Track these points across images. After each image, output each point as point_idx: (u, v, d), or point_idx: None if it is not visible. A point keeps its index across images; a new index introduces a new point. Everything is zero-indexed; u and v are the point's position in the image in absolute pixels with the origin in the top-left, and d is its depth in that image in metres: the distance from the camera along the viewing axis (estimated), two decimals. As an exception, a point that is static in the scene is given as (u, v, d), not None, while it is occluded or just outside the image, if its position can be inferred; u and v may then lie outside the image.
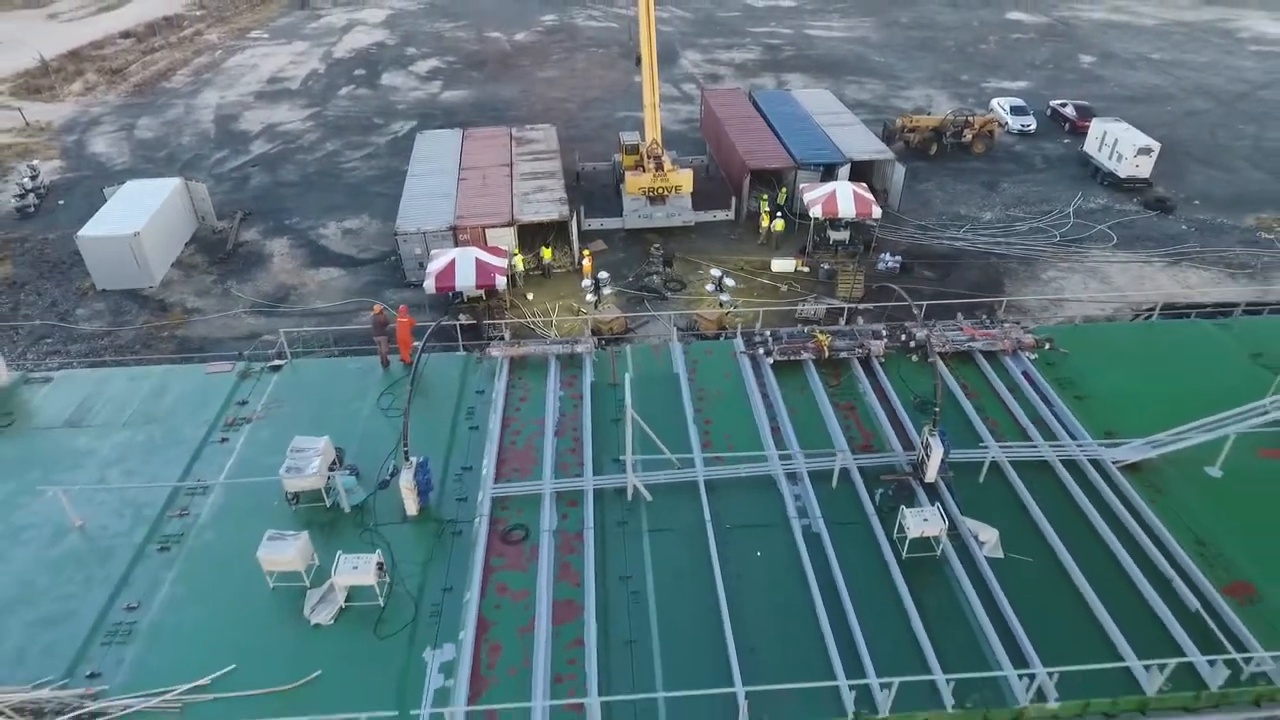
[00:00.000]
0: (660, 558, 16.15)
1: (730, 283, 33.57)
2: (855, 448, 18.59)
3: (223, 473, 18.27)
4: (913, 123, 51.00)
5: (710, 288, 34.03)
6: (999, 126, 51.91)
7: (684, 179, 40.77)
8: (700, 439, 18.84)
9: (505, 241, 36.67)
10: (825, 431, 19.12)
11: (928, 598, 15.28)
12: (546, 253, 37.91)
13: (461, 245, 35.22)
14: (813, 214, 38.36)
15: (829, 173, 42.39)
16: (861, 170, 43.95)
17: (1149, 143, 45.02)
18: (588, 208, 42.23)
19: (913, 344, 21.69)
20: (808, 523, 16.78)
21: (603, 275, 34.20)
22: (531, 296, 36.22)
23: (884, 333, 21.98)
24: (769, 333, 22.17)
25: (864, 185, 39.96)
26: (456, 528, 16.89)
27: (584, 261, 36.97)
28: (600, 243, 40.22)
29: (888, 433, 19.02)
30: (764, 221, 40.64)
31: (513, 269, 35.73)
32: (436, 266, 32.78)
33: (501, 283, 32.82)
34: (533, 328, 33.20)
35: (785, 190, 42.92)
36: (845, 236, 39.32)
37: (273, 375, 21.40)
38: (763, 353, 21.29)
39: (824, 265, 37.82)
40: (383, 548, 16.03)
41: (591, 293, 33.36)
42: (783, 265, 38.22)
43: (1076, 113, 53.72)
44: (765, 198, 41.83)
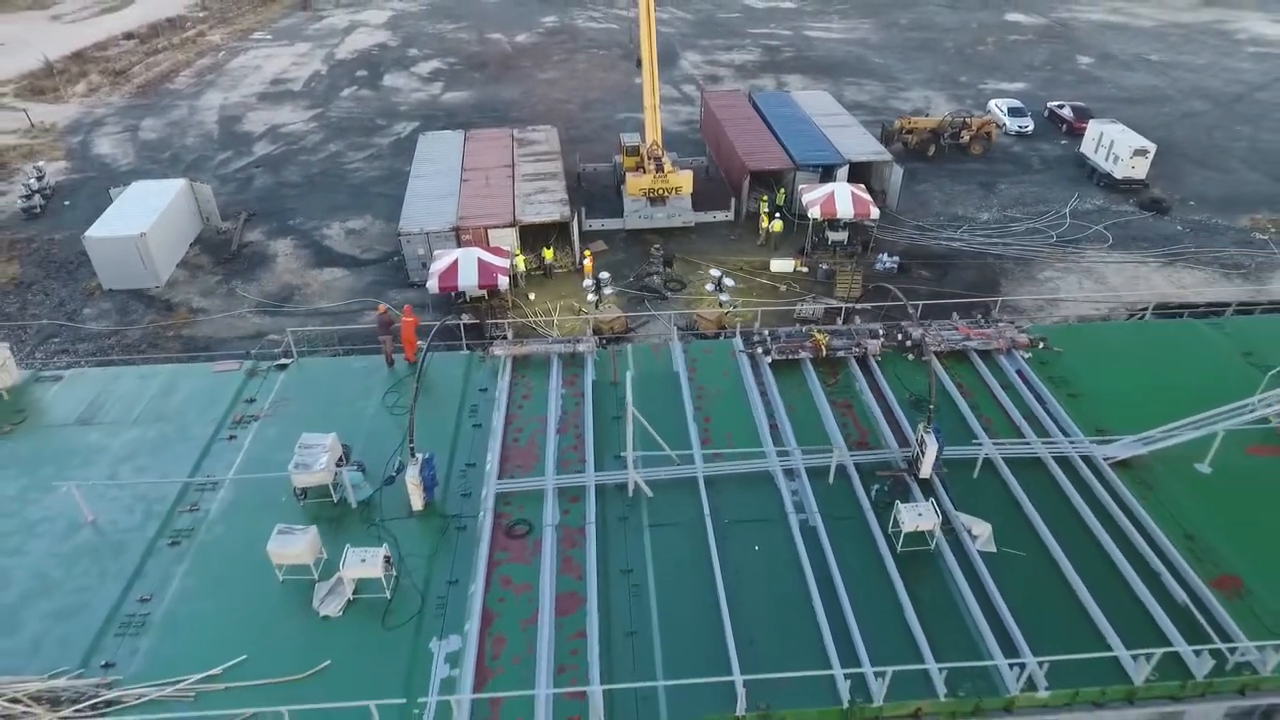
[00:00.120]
0: (661, 552, 16.36)
1: (730, 283, 33.91)
2: (852, 444, 18.80)
3: (232, 469, 18.49)
4: (911, 124, 51.23)
5: (710, 288, 34.40)
6: (996, 128, 52.01)
7: (684, 180, 41.04)
8: (700, 436, 19.05)
9: (507, 242, 36.97)
10: (822, 429, 19.35)
11: (922, 590, 15.52)
12: (548, 253, 38.18)
13: (464, 246, 35.54)
14: (811, 215, 38.58)
15: (827, 174, 42.65)
16: (860, 171, 44.17)
17: (1145, 144, 45.27)
18: (589, 208, 42.48)
19: (909, 343, 21.92)
20: (805, 517, 16.99)
21: (604, 275, 34.54)
22: (533, 296, 36.49)
23: (880, 332, 22.21)
24: (767, 332, 22.36)
25: (862, 186, 40.17)
26: (461, 522, 17.11)
27: (585, 262, 37.20)
28: (601, 243, 40.46)
29: (884, 430, 19.24)
30: (763, 222, 40.90)
31: (514, 269, 35.94)
32: (439, 267, 33.12)
33: (504, 283, 33.12)
34: (534, 327, 33.45)
35: (784, 191, 43.09)
36: (844, 237, 39.57)
37: (279, 374, 21.59)
38: (761, 352, 21.49)
39: (822, 265, 38.03)
40: (389, 542, 16.22)
41: (593, 293, 33.67)
42: (782, 265, 38.48)
43: (1074, 114, 53.88)
44: (765, 199, 42.02)
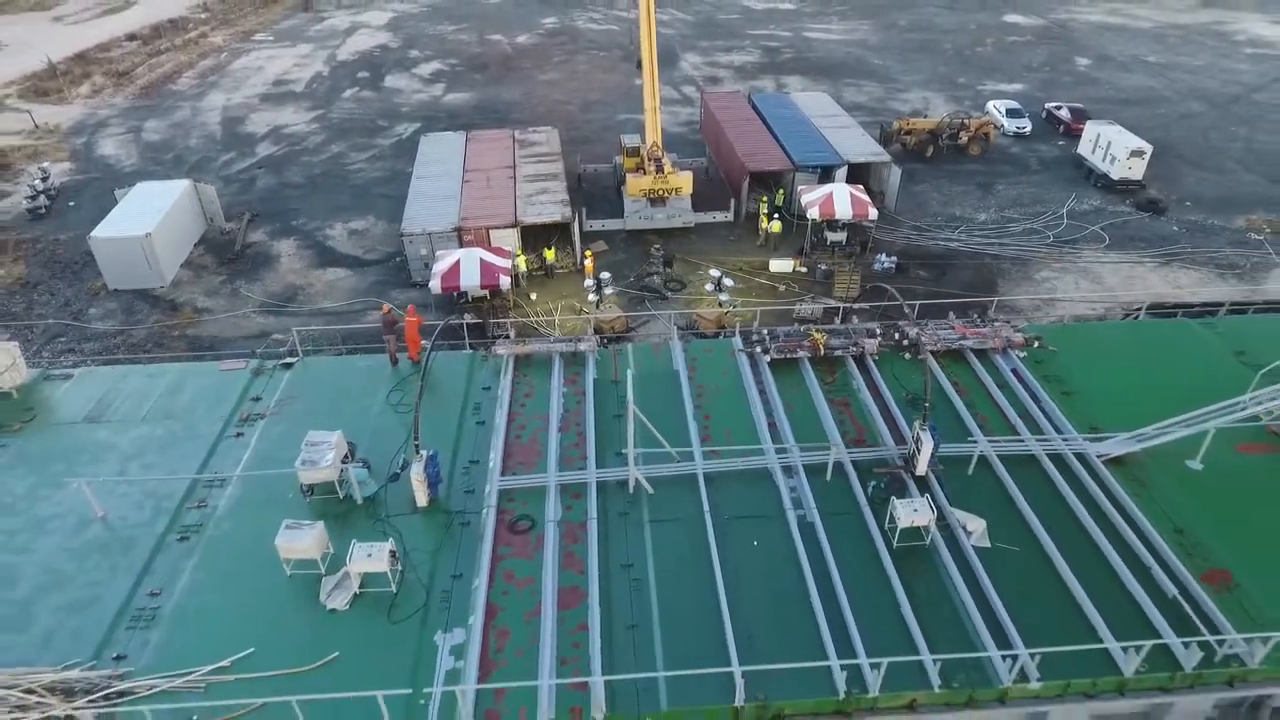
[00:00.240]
0: (661, 547, 16.58)
1: (729, 283, 34.20)
2: (849, 442, 19.02)
3: (239, 466, 18.69)
4: (909, 125, 51.49)
5: (710, 288, 34.70)
6: (994, 129, 52.25)
7: (684, 181, 41.33)
8: (700, 434, 19.29)
9: (509, 242, 37.26)
10: (820, 426, 19.56)
11: (917, 584, 15.75)
12: (549, 253, 38.45)
13: (466, 246, 35.82)
14: (810, 215, 38.86)
15: (826, 175, 42.93)
16: (858, 172, 44.41)
17: (1141, 145, 45.54)
18: (589, 209, 42.74)
19: (905, 342, 22.19)
20: (803, 513, 17.20)
21: (604, 275, 34.82)
22: (535, 296, 36.77)
23: (878, 331, 22.43)
24: (766, 331, 22.58)
25: (860, 187, 40.42)
26: (465, 518, 17.34)
27: (586, 262, 37.49)
28: (602, 243, 40.73)
29: (880, 427, 19.48)
30: (762, 223, 41.13)
31: (516, 269, 36.18)
32: (442, 267, 33.41)
33: (505, 283, 33.40)
34: (536, 327, 33.73)
35: (783, 192, 43.36)
36: (842, 237, 39.85)
37: (285, 373, 21.78)
38: (760, 351, 21.72)
39: (821, 266, 38.29)
40: (394, 537, 16.45)
41: (594, 292, 33.96)
42: (781, 266, 38.76)
43: (1071, 115, 54.10)
44: (764, 199, 42.28)
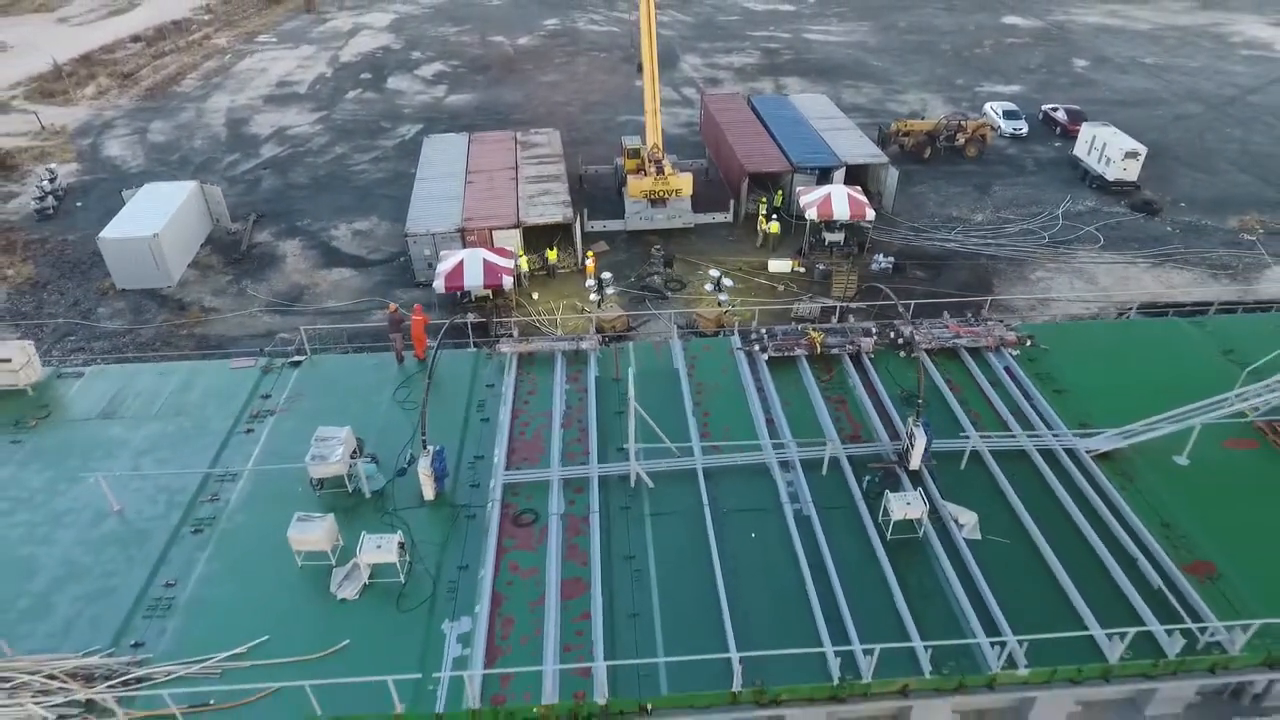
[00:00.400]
0: (661, 539, 17.05)
1: (729, 283, 34.70)
2: (844, 438, 19.47)
3: (250, 461, 19.13)
4: (907, 127, 51.88)
5: (709, 287, 35.21)
6: (991, 131, 52.63)
7: (684, 182, 41.80)
8: (699, 429, 19.75)
9: (511, 243, 37.72)
10: (816, 423, 19.97)
11: (910, 575, 16.22)
12: (551, 254, 38.89)
13: (469, 247, 36.28)
14: (809, 216, 39.31)
15: (824, 176, 43.38)
16: (856, 173, 44.83)
17: (1136, 147, 45.96)
18: (591, 210, 43.15)
19: (900, 341, 22.67)
20: (799, 507, 17.65)
21: (606, 275, 35.32)
22: (536, 296, 37.22)
23: (874, 330, 22.88)
24: (764, 330, 23.00)
25: (858, 188, 40.84)
26: (470, 511, 17.78)
27: (587, 262, 37.97)
28: (603, 244, 41.16)
29: (875, 424, 19.90)
30: (761, 224, 41.52)
31: (518, 269, 36.57)
32: (446, 267, 33.88)
33: (508, 283, 33.86)
34: (538, 326, 34.21)
35: (782, 193, 43.83)
36: (840, 238, 40.30)
37: (293, 370, 22.18)
38: (758, 349, 22.15)
39: (819, 266, 38.73)
40: (403, 530, 16.87)
41: (595, 292, 34.45)
42: (779, 266, 39.21)
43: (1068, 117, 54.46)
44: (763, 200, 42.71)
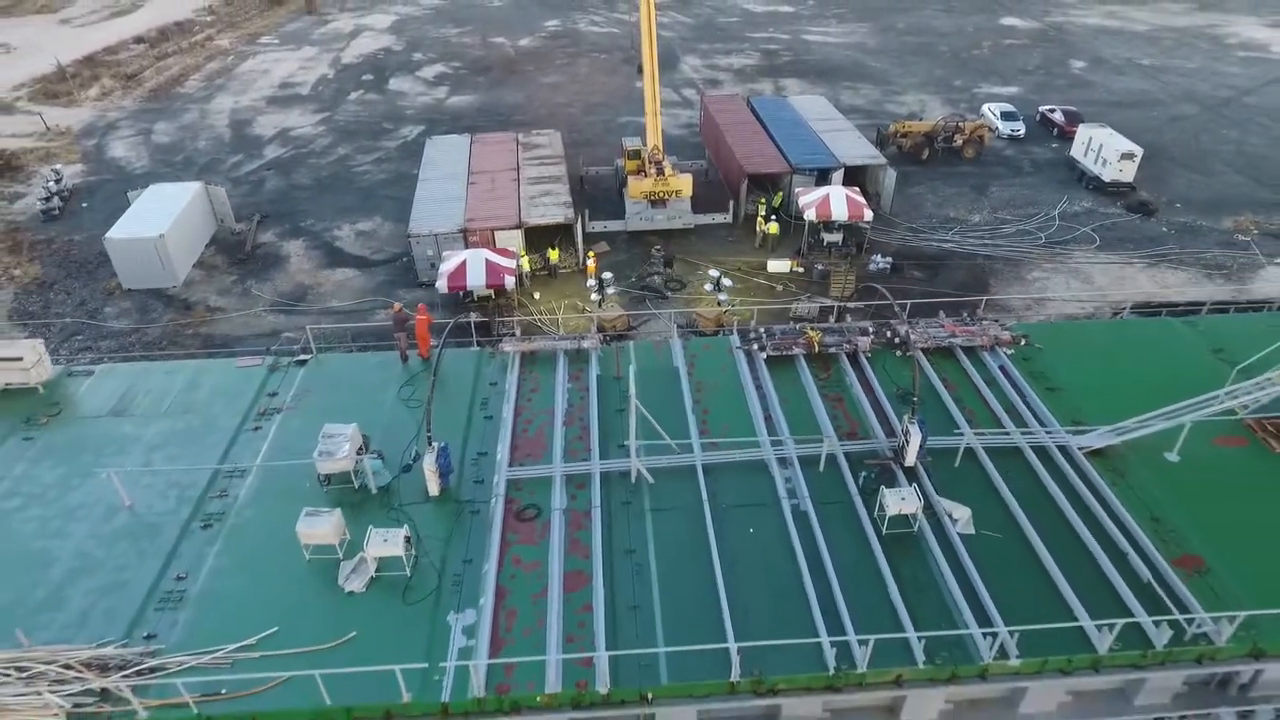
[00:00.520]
0: (662, 534, 17.44)
1: (728, 283, 35.09)
2: (841, 435, 19.89)
3: (258, 457, 19.52)
4: (905, 128, 52.16)
5: (709, 287, 35.61)
6: (989, 132, 52.90)
7: (684, 183, 42.14)
8: (699, 427, 20.15)
9: (513, 243, 38.06)
10: (814, 420, 20.38)
11: (904, 569, 16.60)
12: (553, 254, 39.22)
13: (472, 247, 36.63)
14: (807, 217, 39.66)
15: (823, 177, 43.70)
16: (855, 174, 45.10)
17: (1132, 148, 46.28)
18: (592, 211, 43.45)
19: (896, 340, 23.07)
20: (796, 502, 18.06)
21: (607, 275, 35.72)
22: (538, 296, 37.55)
23: (870, 330, 23.28)
24: (763, 330, 23.42)
25: (857, 189, 41.20)
26: (475, 507, 18.16)
27: (589, 262, 38.30)
28: (604, 244, 41.45)
29: (871, 421, 20.31)
30: (760, 224, 41.82)
31: (520, 270, 36.88)
32: (448, 267, 34.23)
33: (510, 283, 34.21)
34: (540, 325, 34.59)
35: (781, 194, 44.22)
36: (838, 238, 40.63)
37: (299, 369, 22.60)
38: (757, 348, 22.55)
39: (818, 266, 39.05)
40: (408, 525, 17.24)
41: (596, 292, 34.83)
42: (778, 266, 39.51)
43: (1065, 118, 54.77)
44: (762, 201, 43.06)
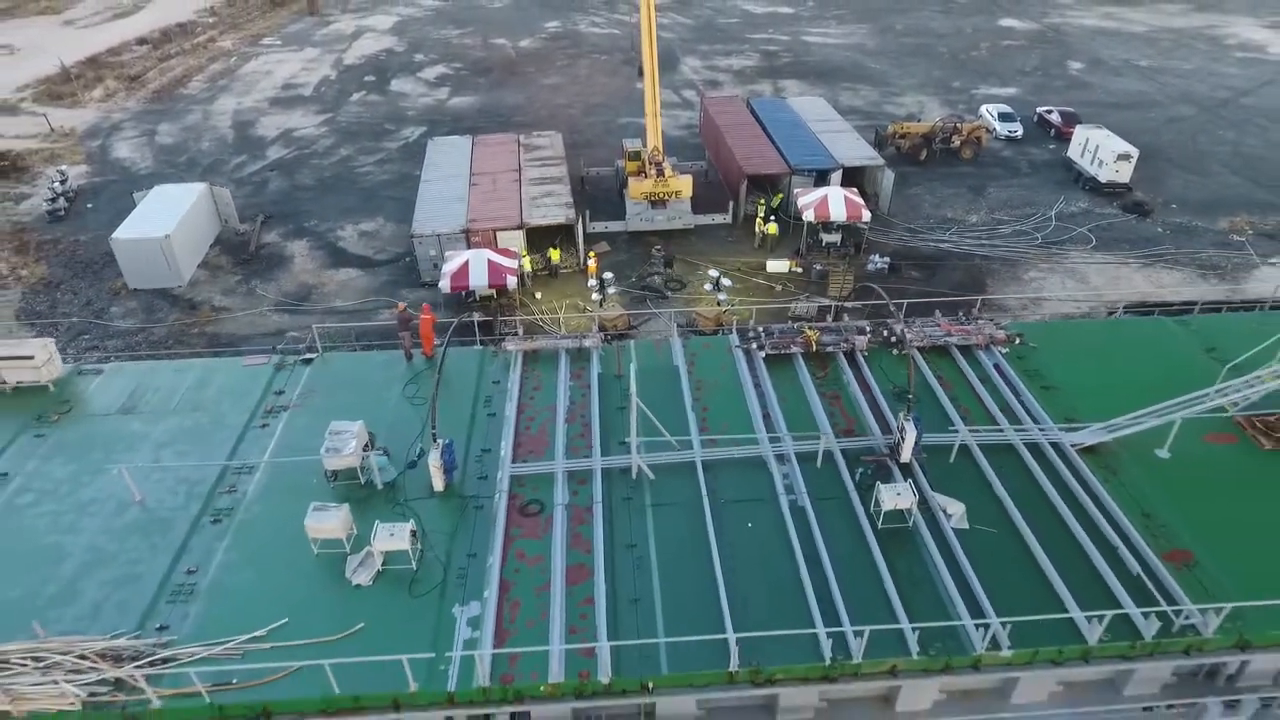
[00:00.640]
0: (662, 529, 17.75)
1: (727, 283, 35.43)
2: (838, 432, 20.18)
3: (265, 454, 19.85)
4: (903, 129, 52.51)
5: (709, 287, 35.96)
6: (987, 133, 53.26)
7: (684, 184, 42.52)
8: (698, 424, 20.44)
9: (515, 244, 38.44)
10: (811, 418, 20.68)
11: (899, 562, 16.91)
12: (554, 254, 39.59)
13: (474, 247, 37.00)
14: (806, 217, 40.02)
15: (822, 178, 44.07)
16: (853, 175, 45.43)
17: (1128, 149, 46.64)
18: (592, 211, 43.81)
19: (893, 339, 23.41)
20: (794, 498, 18.36)
21: (607, 275, 36.06)
22: (540, 295, 37.92)
23: (867, 329, 23.62)
24: (762, 329, 23.74)
25: (855, 190, 41.61)
26: (478, 502, 18.48)
27: (589, 262, 38.66)
28: (605, 245, 41.80)
29: (868, 419, 20.61)
30: (759, 225, 42.15)
31: (522, 270, 37.27)
32: (451, 267, 34.62)
33: (512, 282, 34.61)
34: (542, 325, 34.93)
35: (780, 195, 44.57)
36: (837, 239, 40.99)
37: (305, 367, 22.89)
38: (756, 347, 22.86)
39: (816, 266, 39.40)
40: (414, 519, 17.56)
41: (597, 292, 35.18)
42: (777, 266, 39.85)
43: (1062, 119, 55.13)
44: (761, 202, 43.39)
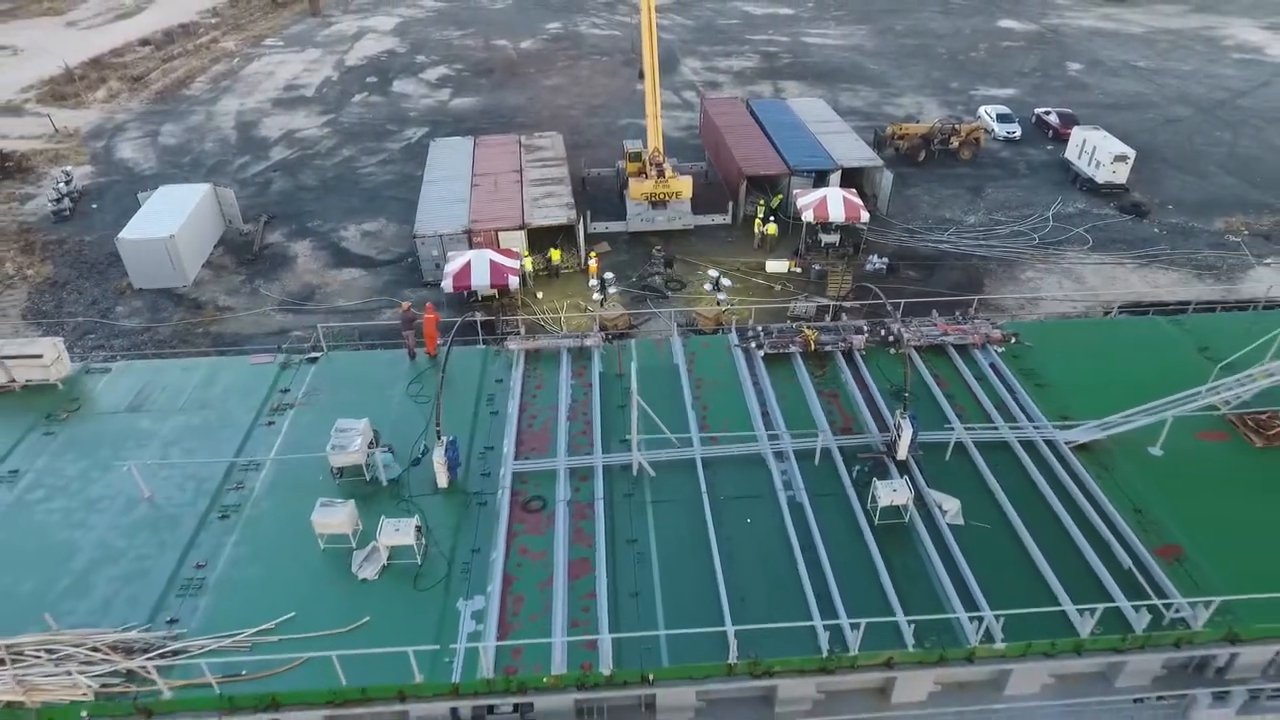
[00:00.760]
0: (662, 525, 18.08)
1: (727, 283, 35.76)
2: (836, 430, 20.52)
3: (272, 451, 20.16)
4: (902, 130, 52.76)
5: (708, 287, 36.29)
6: (985, 134, 53.52)
7: (684, 185, 42.80)
8: (698, 422, 20.78)
9: (517, 244, 38.75)
10: (810, 415, 21.04)
11: (895, 557, 17.25)
12: (555, 254, 39.85)
13: (476, 248, 37.31)
14: (805, 218, 40.32)
15: (821, 179, 44.37)
16: (852, 176, 45.70)
17: (1125, 150, 46.95)
18: (593, 212, 44.10)
19: (890, 338, 23.73)
20: (792, 494, 18.71)
21: (608, 275, 36.38)
22: (541, 295, 38.20)
23: (865, 328, 23.96)
24: (761, 328, 24.10)
25: (854, 191, 41.90)
26: (482, 498, 18.82)
27: (590, 263, 38.96)
28: (605, 245, 42.06)
29: (865, 417, 20.94)
30: (758, 225, 42.39)
31: (524, 270, 37.51)
32: (454, 267, 34.94)
33: (514, 282, 34.92)
34: (543, 324, 35.23)
35: (779, 195, 44.87)
36: (835, 239, 41.24)
37: (310, 366, 23.21)
38: (755, 346, 23.18)
39: (815, 266, 39.68)
40: (418, 515, 17.84)
41: (598, 292, 35.50)
42: (776, 266, 40.13)
43: (1060, 120, 55.38)
44: (761, 202, 43.68)
